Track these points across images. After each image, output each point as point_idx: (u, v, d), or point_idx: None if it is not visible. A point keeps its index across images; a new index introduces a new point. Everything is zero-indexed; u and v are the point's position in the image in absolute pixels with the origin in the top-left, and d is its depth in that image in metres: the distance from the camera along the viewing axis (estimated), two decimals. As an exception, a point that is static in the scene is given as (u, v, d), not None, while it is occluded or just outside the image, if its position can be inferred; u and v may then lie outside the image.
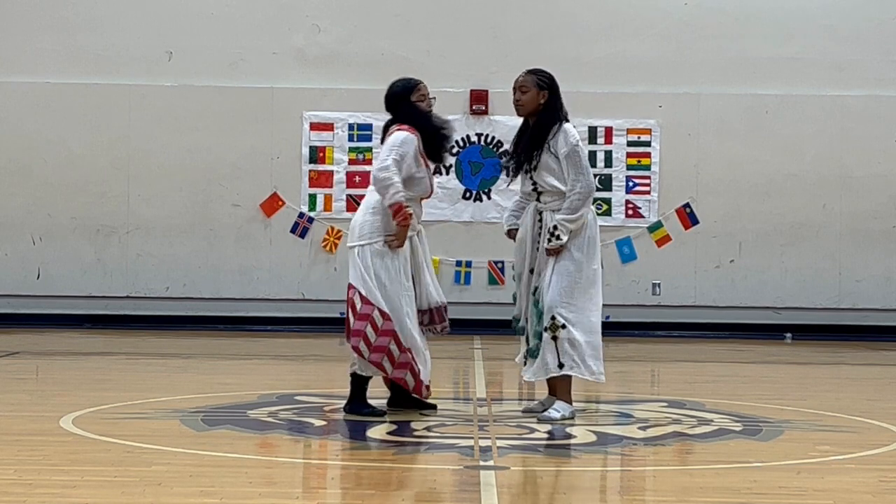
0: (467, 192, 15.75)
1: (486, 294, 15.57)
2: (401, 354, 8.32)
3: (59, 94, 15.72)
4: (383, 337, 8.28)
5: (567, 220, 8.35)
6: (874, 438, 8.00)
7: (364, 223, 8.43)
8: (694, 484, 6.52)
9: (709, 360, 13.61)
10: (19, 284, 15.70)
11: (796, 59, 15.80)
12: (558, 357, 8.34)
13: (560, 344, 8.34)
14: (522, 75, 8.62)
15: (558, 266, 8.39)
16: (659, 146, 15.76)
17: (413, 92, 8.62)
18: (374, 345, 8.28)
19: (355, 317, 8.32)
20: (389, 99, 8.66)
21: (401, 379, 8.40)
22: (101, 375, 11.33)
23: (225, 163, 15.78)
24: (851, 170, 15.78)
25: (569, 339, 8.33)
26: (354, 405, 8.46)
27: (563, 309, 8.33)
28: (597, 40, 15.80)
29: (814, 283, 15.75)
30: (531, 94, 8.54)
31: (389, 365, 8.32)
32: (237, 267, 15.77)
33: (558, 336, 8.33)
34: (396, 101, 8.62)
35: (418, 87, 8.65)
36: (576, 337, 8.33)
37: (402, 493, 6.27)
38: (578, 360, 8.35)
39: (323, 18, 15.88)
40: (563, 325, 8.33)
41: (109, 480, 6.27)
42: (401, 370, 8.36)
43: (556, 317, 8.33)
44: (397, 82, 8.72)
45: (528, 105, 8.56)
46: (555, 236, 8.36)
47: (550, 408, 8.42)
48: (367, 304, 8.29)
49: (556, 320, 8.33)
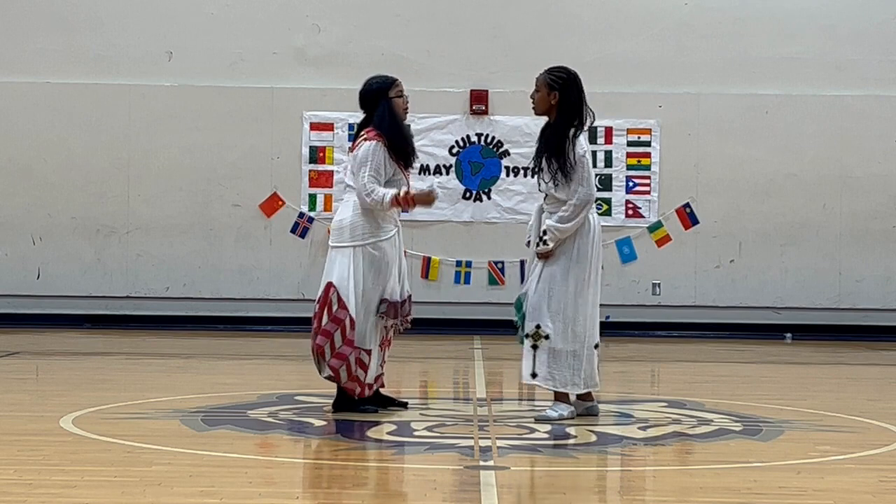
0: (467, 192, 15.75)
1: (486, 294, 15.56)
2: (357, 368, 8.37)
3: (59, 94, 15.71)
4: (346, 346, 8.36)
5: (557, 227, 8.29)
6: (874, 438, 8.00)
7: (355, 224, 8.43)
8: (694, 484, 6.52)
9: (709, 360, 13.61)
10: (19, 284, 15.70)
11: (796, 59, 15.80)
12: (533, 366, 8.31)
13: (539, 354, 8.30)
14: (541, 73, 8.55)
15: (545, 272, 8.36)
16: (659, 146, 15.76)
17: (391, 88, 8.59)
18: (337, 351, 8.36)
19: (329, 317, 8.36)
20: (365, 95, 8.60)
21: (351, 389, 8.45)
22: (101, 375, 11.33)
23: (225, 163, 15.78)
24: (851, 170, 15.78)
25: (549, 349, 8.28)
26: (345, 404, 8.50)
27: (547, 318, 8.28)
28: (597, 40, 15.79)
29: (814, 283, 15.75)
30: (542, 95, 8.45)
31: (345, 374, 8.39)
32: (237, 267, 15.76)
33: (538, 346, 8.30)
34: (373, 97, 8.56)
35: (396, 83, 8.62)
36: (558, 348, 8.27)
37: (403, 493, 6.27)
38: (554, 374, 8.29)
39: (323, 18, 15.88)
40: (546, 336, 8.29)
41: (109, 480, 6.27)
42: (352, 382, 8.42)
43: (541, 326, 8.29)
44: (374, 79, 8.67)
45: (539, 105, 8.48)
46: (542, 241, 8.35)
47: (549, 408, 8.43)
48: (343, 308, 8.35)
49: (539, 329, 8.30)
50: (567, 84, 8.42)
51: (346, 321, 8.33)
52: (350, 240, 8.43)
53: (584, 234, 8.35)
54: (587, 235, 8.36)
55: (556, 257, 8.33)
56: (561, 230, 8.28)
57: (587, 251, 8.35)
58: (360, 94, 8.62)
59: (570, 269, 8.31)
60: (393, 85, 8.59)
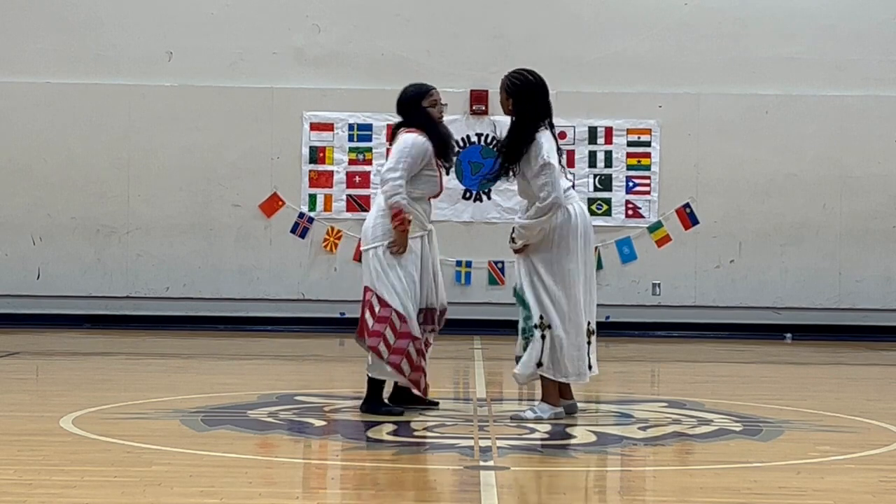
0: (467, 192, 15.75)
1: (486, 294, 15.57)
2: (417, 357, 8.42)
3: (59, 94, 15.71)
4: (402, 339, 8.40)
5: (524, 226, 8.30)
6: (874, 438, 8.00)
7: (375, 226, 8.53)
8: (694, 484, 6.52)
9: (709, 360, 13.61)
10: (19, 284, 15.70)
11: (796, 59, 15.80)
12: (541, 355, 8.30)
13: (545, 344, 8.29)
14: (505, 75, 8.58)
15: (523, 268, 8.38)
16: (659, 146, 15.76)
17: (425, 97, 8.71)
18: (394, 347, 8.39)
19: (374, 319, 8.41)
20: (401, 103, 8.75)
21: (416, 381, 8.50)
22: (101, 375, 11.33)
23: (225, 163, 15.78)
24: (851, 170, 15.78)
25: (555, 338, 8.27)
26: (372, 405, 8.52)
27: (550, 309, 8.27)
28: (597, 40, 15.79)
29: (814, 283, 15.75)
30: (502, 98, 8.53)
31: (408, 366, 8.43)
32: (237, 267, 15.76)
33: (545, 336, 8.30)
34: (408, 105, 8.71)
35: (430, 92, 8.75)
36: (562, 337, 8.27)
37: (402, 493, 6.26)
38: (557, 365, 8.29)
39: (323, 18, 15.88)
40: (549, 325, 8.29)
41: (109, 480, 6.27)
42: (417, 372, 8.47)
43: (543, 316, 8.30)
44: (410, 87, 8.83)
45: (503, 108, 8.55)
46: (511, 239, 8.38)
47: (529, 408, 8.45)
48: (385, 306, 8.39)
49: (543, 319, 8.30)
50: (523, 88, 8.38)
51: (391, 317, 8.37)
52: (372, 240, 8.52)
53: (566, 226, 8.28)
54: (568, 227, 8.29)
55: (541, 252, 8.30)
56: (528, 228, 8.28)
57: (569, 244, 8.30)
58: (397, 102, 8.78)
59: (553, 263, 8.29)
60: (427, 94, 8.71)
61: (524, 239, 8.30)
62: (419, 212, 8.56)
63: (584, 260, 8.37)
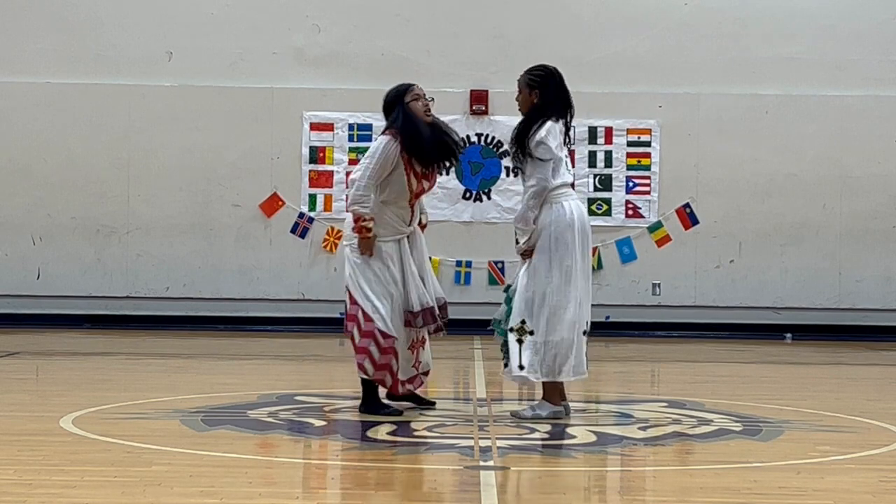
0: (467, 193, 15.75)
1: (486, 294, 15.55)
2: (381, 356, 8.38)
3: (59, 94, 15.71)
4: (365, 338, 8.40)
5: (518, 225, 8.33)
6: (874, 438, 8.00)
7: (348, 224, 8.58)
8: (694, 484, 6.52)
9: (709, 360, 13.60)
10: (19, 284, 15.70)
11: (796, 59, 15.80)
12: (520, 359, 8.31)
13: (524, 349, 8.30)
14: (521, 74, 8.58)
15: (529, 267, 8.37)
16: (659, 146, 15.76)
17: (406, 94, 8.62)
18: (358, 345, 8.42)
19: (347, 316, 8.50)
20: (385, 106, 8.70)
21: (380, 380, 8.48)
22: (101, 375, 11.33)
23: (225, 163, 15.78)
24: (851, 170, 15.78)
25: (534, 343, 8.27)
26: (371, 406, 8.51)
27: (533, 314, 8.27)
28: (597, 40, 15.79)
29: (814, 283, 15.75)
30: (524, 95, 8.48)
31: (370, 366, 8.41)
32: (237, 267, 15.76)
33: (523, 340, 8.31)
34: (389, 106, 8.65)
35: (411, 88, 8.65)
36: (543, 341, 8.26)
37: (402, 494, 6.26)
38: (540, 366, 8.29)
39: (323, 18, 15.88)
40: (530, 332, 8.29)
41: (109, 480, 6.27)
42: (380, 371, 8.44)
43: (527, 322, 8.30)
44: (391, 89, 8.74)
45: (523, 106, 8.49)
46: (516, 241, 8.38)
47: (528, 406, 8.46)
48: (354, 304, 8.46)
49: (525, 325, 8.30)
50: (546, 80, 8.43)
51: (358, 315, 8.41)
52: (347, 239, 8.58)
53: (560, 223, 8.26)
54: (563, 224, 8.27)
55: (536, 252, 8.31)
56: (522, 220, 8.28)
57: (566, 240, 8.28)
58: (382, 106, 8.71)
59: (552, 262, 8.28)
60: (408, 90, 8.63)
61: (523, 234, 8.29)
62: (390, 216, 8.50)
63: (582, 256, 8.36)
